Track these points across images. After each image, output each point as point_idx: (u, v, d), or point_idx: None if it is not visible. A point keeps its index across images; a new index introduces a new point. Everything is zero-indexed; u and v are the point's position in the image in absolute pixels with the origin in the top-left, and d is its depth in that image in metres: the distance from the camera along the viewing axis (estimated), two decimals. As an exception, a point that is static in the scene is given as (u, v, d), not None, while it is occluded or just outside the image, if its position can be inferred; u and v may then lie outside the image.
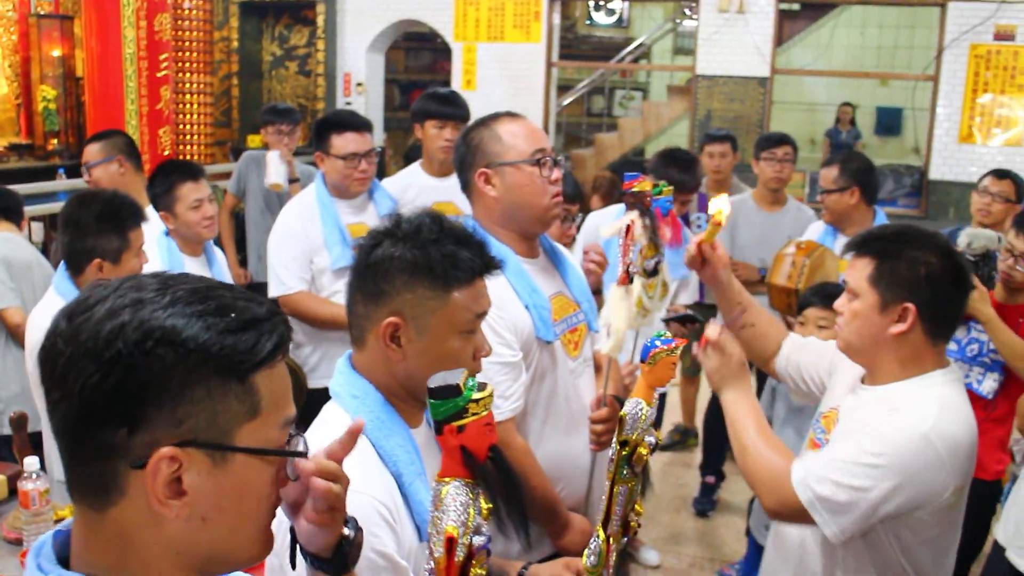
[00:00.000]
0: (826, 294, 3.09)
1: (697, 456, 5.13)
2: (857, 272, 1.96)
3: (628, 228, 2.10)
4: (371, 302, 1.55)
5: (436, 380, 1.01)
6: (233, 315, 0.92)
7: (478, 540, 1.01)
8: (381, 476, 1.47)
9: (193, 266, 3.52)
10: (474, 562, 1.00)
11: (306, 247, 3.49)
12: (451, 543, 0.99)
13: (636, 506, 1.74)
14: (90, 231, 2.78)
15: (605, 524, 1.71)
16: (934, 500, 1.85)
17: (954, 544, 2.01)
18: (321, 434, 1.50)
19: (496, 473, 1.05)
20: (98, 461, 0.89)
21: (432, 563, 1.01)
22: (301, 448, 0.99)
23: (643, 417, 1.65)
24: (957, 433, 1.86)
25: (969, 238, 3.03)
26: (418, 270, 1.52)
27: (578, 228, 3.74)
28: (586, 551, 1.73)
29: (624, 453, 1.63)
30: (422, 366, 1.52)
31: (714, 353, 2.05)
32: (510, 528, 1.08)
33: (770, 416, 3.34)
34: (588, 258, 2.94)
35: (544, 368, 2.24)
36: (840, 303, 2.01)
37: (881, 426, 1.86)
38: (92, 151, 3.96)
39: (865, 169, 3.86)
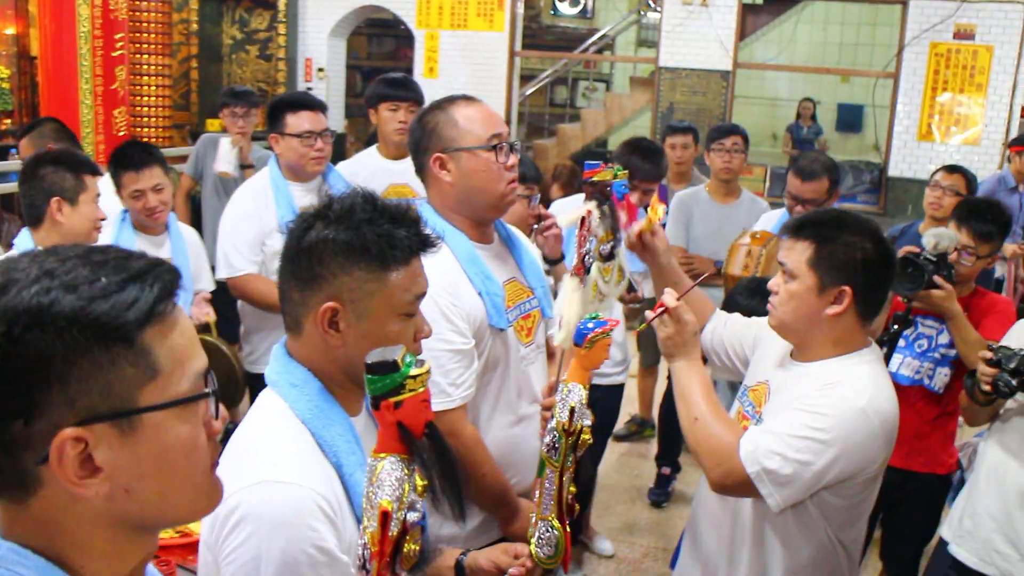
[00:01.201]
0: (757, 292, 3.10)
1: (653, 447, 5.14)
2: (795, 255, 2.03)
3: (584, 219, 2.08)
4: (306, 287, 1.48)
5: (374, 356, 0.98)
6: (104, 278, 0.88)
7: (412, 516, 0.99)
8: (321, 468, 1.42)
9: (147, 246, 3.48)
10: (408, 537, 0.98)
11: (259, 230, 3.45)
12: (385, 517, 0.97)
13: (572, 486, 1.73)
14: (47, 174, 2.92)
15: (558, 514, 1.70)
16: (867, 469, 1.98)
17: (868, 511, 2.16)
18: (257, 423, 1.47)
19: (432, 449, 1.02)
20: (4, 457, 0.87)
21: (365, 538, 0.99)
22: (208, 389, 0.95)
23: (583, 401, 1.64)
24: (888, 409, 1.99)
25: (936, 238, 3.03)
26: (354, 252, 1.46)
27: (536, 217, 3.73)
28: (534, 541, 1.71)
29: (570, 442, 1.62)
30: (362, 351, 1.41)
31: (670, 321, 2.07)
32: (445, 505, 1.05)
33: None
34: (542, 227, 2.93)
35: (496, 356, 2.22)
36: (774, 283, 2.08)
37: (821, 400, 1.94)
38: (23, 147, 4.10)
39: (838, 171, 3.87)
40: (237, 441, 1.09)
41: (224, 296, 3.77)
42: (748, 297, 3.07)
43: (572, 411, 1.62)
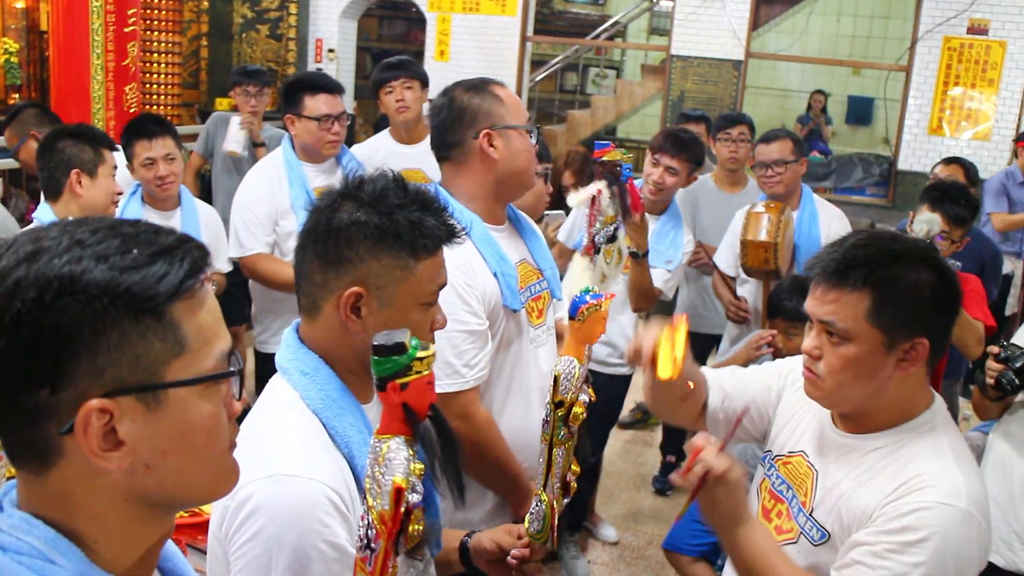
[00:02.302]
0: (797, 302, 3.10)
1: (658, 435, 5.16)
2: (846, 309, 1.59)
3: (594, 198, 2.08)
4: (331, 269, 1.44)
5: (380, 338, 0.98)
6: (135, 250, 0.88)
7: (415, 498, 0.99)
8: (332, 459, 1.39)
9: (156, 220, 3.50)
10: (412, 518, 0.99)
11: (272, 210, 3.45)
12: (399, 494, 0.98)
13: (572, 465, 1.73)
14: (66, 147, 2.98)
15: (545, 487, 1.70)
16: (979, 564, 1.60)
17: None
18: (268, 412, 1.46)
19: (435, 432, 1.03)
20: (28, 426, 0.87)
21: (370, 518, 1.00)
22: (232, 368, 0.95)
23: (576, 375, 1.63)
24: (981, 492, 1.60)
25: (928, 224, 3.07)
26: (386, 237, 1.42)
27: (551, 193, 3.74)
28: (528, 517, 1.72)
29: (560, 414, 1.62)
30: None
31: (719, 487, 1.59)
32: (444, 486, 1.06)
33: None
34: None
35: (510, 337, 2.23)
36: (811, 346, 1.65)
37: (916, 521, 1.53)
38: (8, 137, 4.13)
39: (802, 143, 3.96)
40: (248, 430, 1.08)
41: (236, 276, 3.79)
42: (795, 298, 3.07)
43: (556, 380, 1.62)
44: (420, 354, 0.97)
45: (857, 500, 1.61)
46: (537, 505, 1.71)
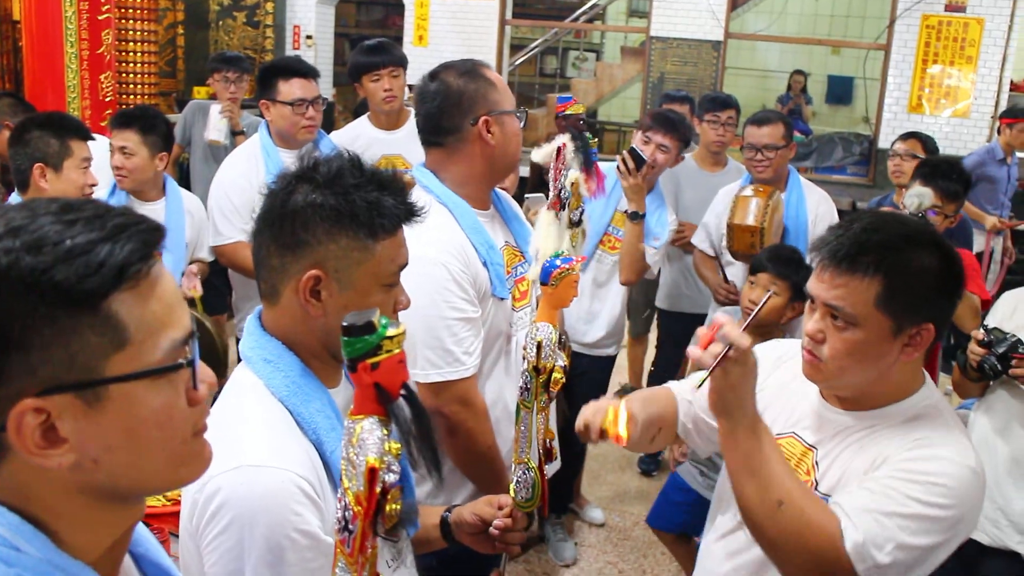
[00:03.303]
0: (782, 260, 3.11)
1: (640, 416, 5.16)
2: (855, 295, 1.55)
3: (559, 151, 2.07)
4: (288, 253, 1.41)
5: (350, 318, 0.97)
6: (70, 240, 0.83)
7: (390, 477, 0.98)
8: (300, 447, 1.37)
9: (139, 211, 3.49)
10: (388, 497, 0.98)
11: (249, 197, 3.43)
12: (372, 474, 0.96)
13: (549, 432, 1.73)
14: (32, 139, 2.93)
15: (532, 454, 1.69)
16: (971, 531, 1.63)
17: None
18: (232, 402, 1.43)
19: (409, 411, 1.02)
20: None
21: (347, 500, 0.99)
22: (183, 358, 0.90)
23: (553, 340, 1.63)
24: (980, 457, 1.61)
25: (919, 198, 3.09)
26: (342, 219, 1.39)
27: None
28: (512, 486, 1.70)
29: (541, 380, 1.61)
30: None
31: (734, 365, 1.48)
32: (422, 465, 1.04)
33: None
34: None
35: (500, 326, 2.23)
36: (815, 328, 1.60)
37: (930, 466, 1.53)
38: None
39: (792, 126, 3.95)
40: (213, 421, 1.06)
41: (216, 264, 3.76)
42: (779, 263, 3.11)
43: (539, 346, 1.61)
44: (390, 333, 0.96)
45: (863, 460, 1.61)
46: (525, 473, 1.70)
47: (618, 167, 3.51)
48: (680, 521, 3.30)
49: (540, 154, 2.11)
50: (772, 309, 3.04)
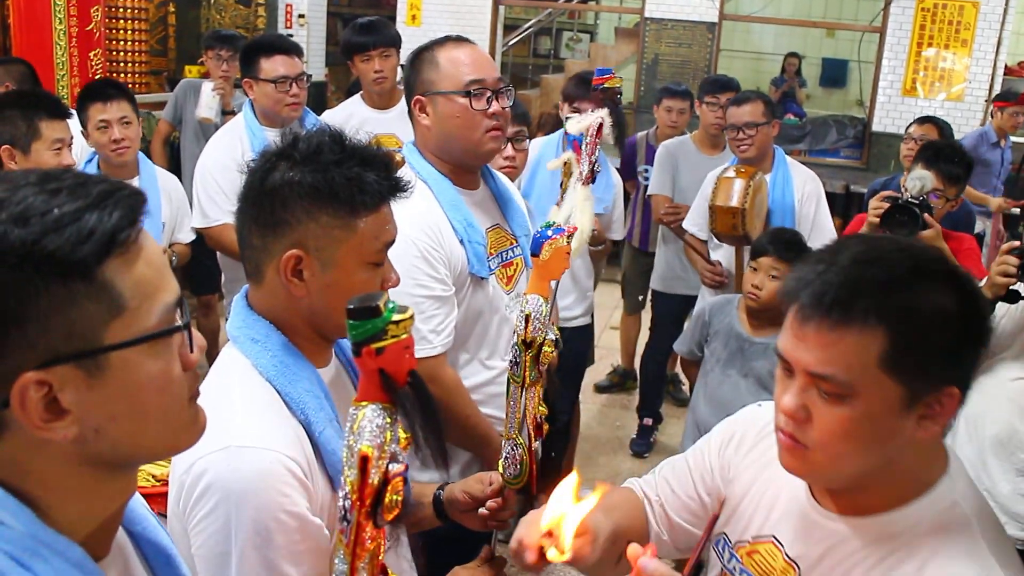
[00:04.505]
0: (783, 243, 3.09)
1: (635, 399, 5.16)
2: (850, 355, 1.13)
3: (600, 127, 2.03)
4: (268, 233, 1.39)
5: (355, 301, 0.94)
6: (59, 207, 0.82)
7: (395, 467, 0.96)
8: (288, 427, 1.35)
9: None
10: (389, 487, 0.96)
11: (235, 177, 3.36)
12: (365, 462, 0.94)
13: (541, 407, 1.70)
14: (1, 117, 2.86)
15: (520, 431, 1.67)
16: None
17: None
18: (219, 383, 1.40)
19: (415, 399, 0.99)
20: None
21: (347, 488, 0.96)
22: (179, 321, 0.90)
23: (544, 313, 1.60)
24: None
25: (921, 181, 3.08)
26: (321, 196, 1.36)
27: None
28: (502, 463, 1.68)
29: (531, 354, 1.58)
30: (326, 301, 1.40)
31: None
32: (428, 456, 1.02)
33: (698, 356, 3.33)
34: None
35: (479, 306, 2.21)
36: (796, 404, 1.18)
37: None
38: None
39: (774, 105, 3.96)
40: (201, 401, 1.05)
41: (204, 246, 3.72)
42: (781, 247, 3.08)
43: (528, 318, 1.59)
44: (396, 317, 0.93)
45: None
46: (513, 449, 1.68)
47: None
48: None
49: (577, 126, 2.08)
50: (774, 292, 3.03)
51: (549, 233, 1.63)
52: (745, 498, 1.41)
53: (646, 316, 5.22)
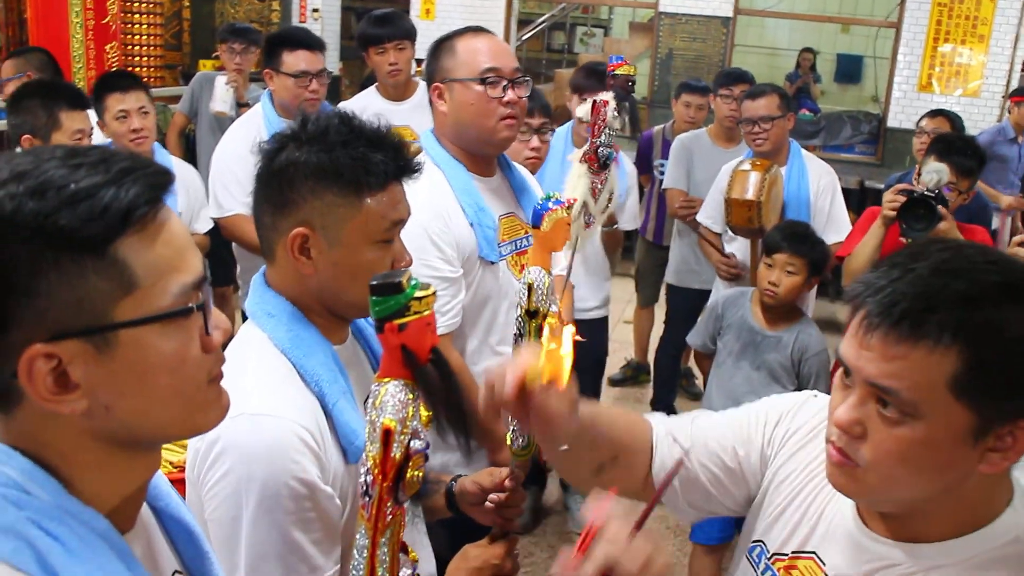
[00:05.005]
0: (796, 237, 3.09)
1: (648, 392, 5.15)
2: (918, 372, 1.03)
3: (595, 104, 2.05)
4: (278, 212, 1.43)
5: (378, 277, 0.95)
6: (74, 184, 0.81)
7: (416, 444, 0.96)
8: (302, 398, 1.38)
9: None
10: (410, 464, 0.96)
11: (251, 169, 3.38)
12: (387, 435, 0.94)
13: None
14: (22, 107, 2.89)
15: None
16: None
17: None
18: (236, 355, 1.40)
19: (437, 376, 1.00)
20: None
21: (368, 463, 0.97)
22: (193, 303, 0.89)
23: (547, 284, 1.61)
24: None
25: (938, 174, 3.07)
26: (326, 175, 1.39)
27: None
28: (508, 435, 1.69)
29: (534, 325, 1.59)
30: (335, 279, 1.43)
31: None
32: (450, 434, 1.02)
33: (712, 349, 3.33)
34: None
35: (488, 289, 2.23)
36: (851, 418, 1.08)
37: None
38: (6, 67, 4.05)
39: (790, 98, 3.94)
40: None
41: (219, 237, 3.74)
42: (795, 241, 3.07)
43: (530, 288, 1.60)
44: (419, 294, 0.94)
45: None
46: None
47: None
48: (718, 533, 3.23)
49: (582, 109, 2.10)
50: (791, 288, 3.03)
51: (550, 205, 1.64)
52: (789, 508, 1.31)
53: (659, 310, 5.21)
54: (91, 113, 3.18)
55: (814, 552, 1.25)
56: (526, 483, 2.05)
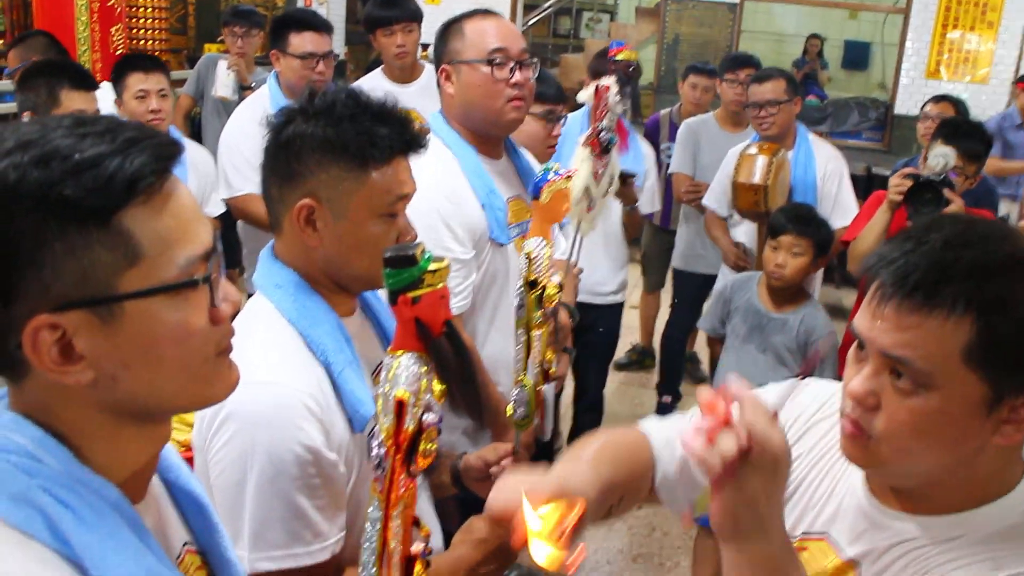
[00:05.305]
0: (801, 219, 3.09)
1: (654, 376, 5.16)
2: (932, 343, 1.02)
3: (598, 89, 2.05)
4: (284, 184, 1.46)
5: (391, 250, 0.95)
6: (78, 154, 0.80)
7: (430, 417, 0.96)
8: (308, 367, 1.40)
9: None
10: (423, 436, 0.96)
11: (258, 148, 3.38)
12: (401, 407, 0.94)
13: (549, 352, 1.72)
14: (29, 84, 2.91)
15: (525, 373, 1.69)
16: None
17: None
18: (243, 325, 1.41)
19: (450, 349, 1.00)
20: None
21: (381, 436, 0.97)
22: (200, 275, 0.88)
23: (547, 254, 1.62)
24: None
25: (945, 158, 3.07)
26: (332, 148, 1.42)
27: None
28: (510, 406, 1.70)
29: (535, 294, 1.60)
30: (340, 252, 1.45)
31: (756, 475, 0.98)
32: (463, 407, 1.03)
33: (721, 333, 3.33)
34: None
35: (496, 270, 2.24)
36: (865, 389, 1.08)
37: None
38: (11, 58, 4.04)
39: (796, 82, 3.94)
40: None
41: (226, 218, 3.74)
42: (800, 223, 3.07)
43: (529, 258, 1.61)
44: (432, 266, 0.94)
45: None
46: (520, 391, 1.71)
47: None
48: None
49: (584, 94, 2.11)
50: (797, 270, 3.03)
51: (550, 176, 1.64)
52: (796, 493, 1.29)
53: (665, 295, 5.21)
54: (98, 95, 3.17)
55: (825, 532, 1.24)
56: (533, 460, 2.06)
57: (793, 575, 1.03)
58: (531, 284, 1.63)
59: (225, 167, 3.45)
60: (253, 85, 5.00)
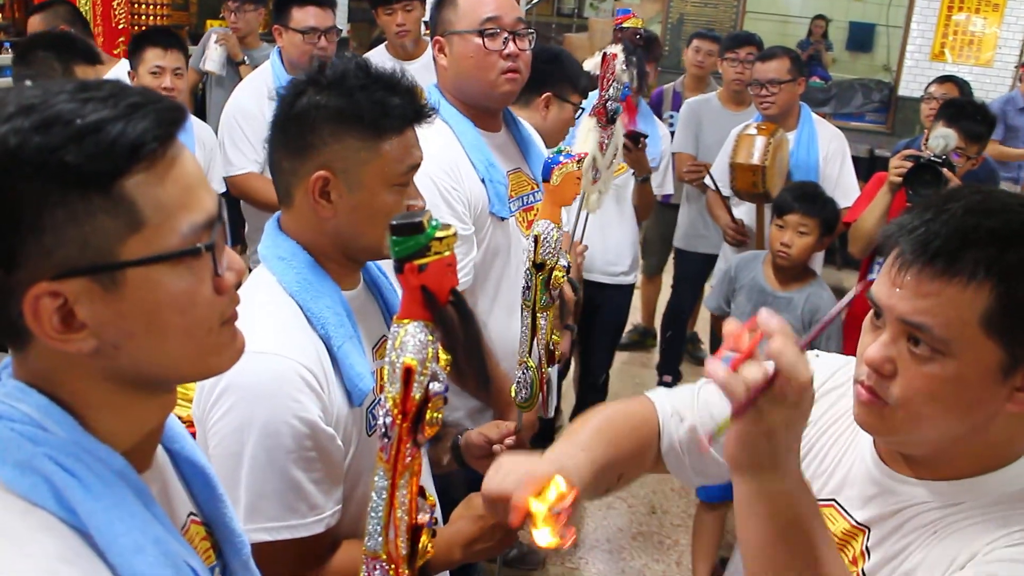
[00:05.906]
0: (808, 197, 3.08)
1: (654, 356, 5.17)
2: (950, 309, 1.03)
3: (605, 57, 2.03)
4: (297, 156, 1.44)
5: (398, 218, 0.95)
6: (80, 119, 0.79)
7: (435, 386, 0.96)
8: (307, 339, 1.40)
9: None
10: (430, 405, 0.96)
11: (260, 126, 3.38)
12: (408, 375, 0.94)
13: (555, 334, 1.72)
14: (36, 57, 2.84)
15: (530, 354, 1.69)
16: None
17: None
18: (244, 297, 1.44)
19: (457, 318, 0.99)
20: None
21: (388, 405, 0.97)
22: (203, 243, 0.87)
23: (555, 237, 1.61)
24: None
25: (945, 139, 3.06)
26: (346, 119, 1.41)
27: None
28: (514, 387, 1.70)
29: (541, 277, 1.59)
30: (353, 222, 1.45)
31: (778, 409, 0.95)
32: (469, 377, 1.02)
33: (727, 312, 3.33)
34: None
35: (497, 245, 2.22)
36: (883, 355, 1.09)
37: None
38: (33, 23, 3.97)
39: (801, 61, 3.91)
40: None
41: (228, 195, 3.73)
42: (807, 202, 3.06)
43: (536, 240, 1.60)
44: (439, 234, 0.93)
45: (939, 555, 1.10)
46: (524, 373, 1.70)
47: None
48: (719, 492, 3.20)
49: (591, 63, 2.08)
50: (804, 249, 3.04)
51: (561, 159, 1.64)
52: (805, 458, 1.29)
53: (666, 276, 5.21)
54: (115, 68, 3.16)
55: (833, 499, 1.25)
56: (535, 441, 2.06)
57: (807, 517, 1.01)
58: (538, 266, 1.62)
59: (226, 145, 3.44)
60: (246, 61, 4.99)
